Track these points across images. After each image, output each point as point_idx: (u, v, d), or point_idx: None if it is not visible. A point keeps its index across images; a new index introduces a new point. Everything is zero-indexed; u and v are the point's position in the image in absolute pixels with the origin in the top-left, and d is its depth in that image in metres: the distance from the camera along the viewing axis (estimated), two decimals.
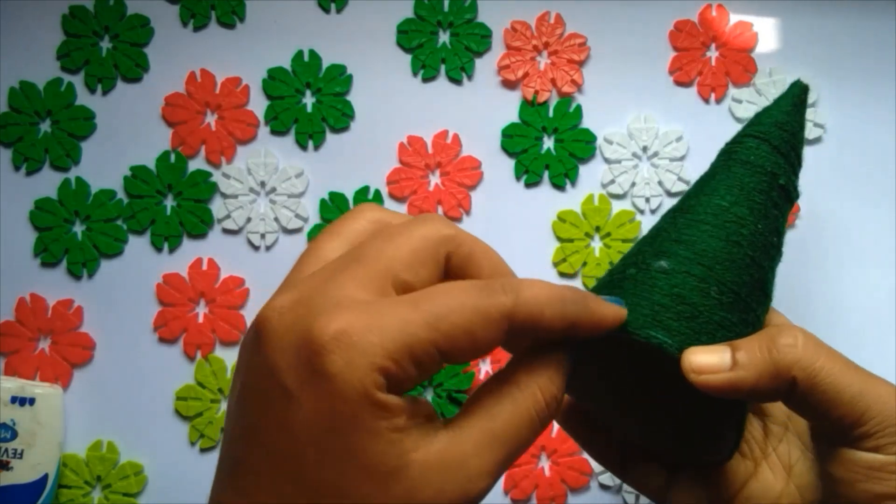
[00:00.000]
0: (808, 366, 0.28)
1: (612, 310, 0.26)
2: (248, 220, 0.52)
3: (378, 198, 0.52)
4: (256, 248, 0.52)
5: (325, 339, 0.22)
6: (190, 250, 0.52)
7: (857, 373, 0.28)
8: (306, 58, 0.53)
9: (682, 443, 0.33)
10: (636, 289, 0.30)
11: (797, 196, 0.36)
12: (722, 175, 0.34)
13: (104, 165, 0.52)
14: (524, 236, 0.52)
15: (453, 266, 0.25)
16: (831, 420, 0.28)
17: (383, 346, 0.22)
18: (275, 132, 0.53)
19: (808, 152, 0.52)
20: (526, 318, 0.24)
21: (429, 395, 0.51)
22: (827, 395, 0.27)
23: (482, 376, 0.50)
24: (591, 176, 0.52)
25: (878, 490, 0.27)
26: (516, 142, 0.52)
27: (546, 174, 0.52)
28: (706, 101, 0.53)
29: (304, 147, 0.52)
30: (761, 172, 0.34)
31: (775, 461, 0.33)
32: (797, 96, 0.37)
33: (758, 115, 0.36)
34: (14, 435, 0.47)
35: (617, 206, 0.52)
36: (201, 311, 0.51)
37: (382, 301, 0.23)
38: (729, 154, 0.35)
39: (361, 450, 0.22)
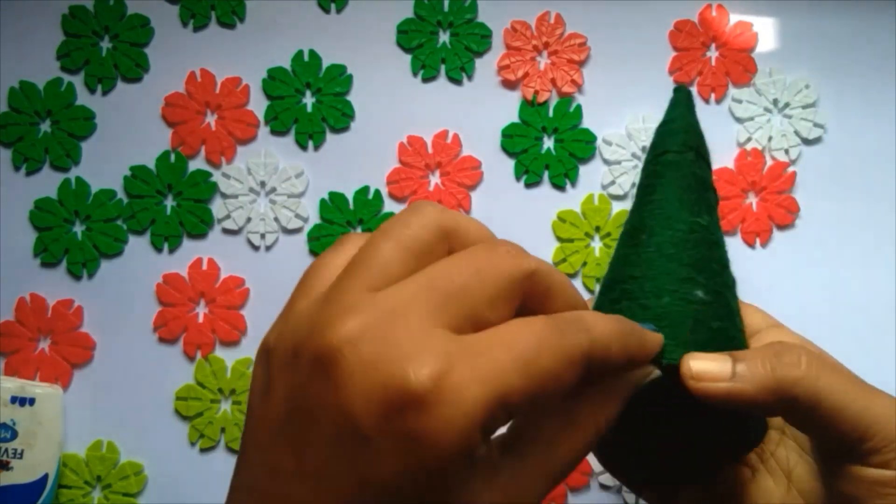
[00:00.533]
0: (810, 385, 0.27)
1: (655, 338, 0.27)
2: (248, 220, 0.52)
3: (378, 198, 0.52)
4: (256, 248, 0.52)
5: (423, 387, 0.20)
6: (190, 250, 0.52)
7: (861, 388, 0.28)
8: (306, 58, 0.53)
9: (697, 453, 0.33)
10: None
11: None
12: (667, 190, 0.34)
13: (104, 165, 0.52)
14: (524, 236, 0.52)
15: (529, 301, 0.24)
16: (835, 437, 0.27)
17: (485, 399, 0.20)
18: (275, 132, 0.53)
19: (808, 152, 0.53)
20: (599, 356, 0.23)
21: None
22: (830, 412, 0.27)
23: None
24: (591, 176, 0.52)
25: None
26: (516, 142, 0.52)
27: (546, 174, 0.52)
28: (706, 101, 0.53)
29: (304, 147, 0.52)
30: (698, 181, 0.34)
31: (774, 466, 0.33)
32: (685, 101, 0.38)
33: (665, 126, 0.37)
34: (14, 435, 0.47)
35: (617, 207, 0.52)
36: (201, 311, 0.51)
37: (474, 344, 0.21)
38: (661, 169, 0.35)
39: (442, 501, 0.21)
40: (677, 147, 0.35)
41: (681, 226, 0.32)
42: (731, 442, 0.32)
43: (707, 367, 0.28)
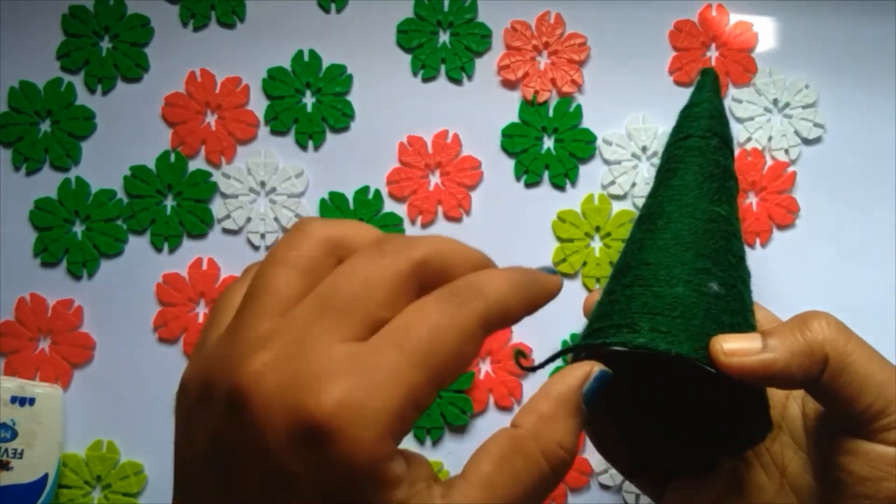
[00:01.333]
0: (840, 346, 0.28)
1: (553, 280, 0.26)
2: (248, 220, 0.52)
3: (378, 198, 0.52)
4: (256, 248, 0.52)
5: (325, 414, 0.20)
6: (190, 250, 0.52)
7: (882, 362, 0.28)
8: (306, 58, 0.53)
9: (705, 444, 0.33)
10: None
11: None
12: (687, 176, 0.33)
13: (104, 165, 0.52)
14: (524, 236, 0.52)
15: (428, 285, 0.24)
16: (857, 408, 0.27)
17: (388, 409, 0.21)
18: (275, 132, 0.53)
19: (808, 152, 0.53)
20: (498, 317, 0.23)
21: None
22: (856, 379, 0.27)
23: (482, 376, 0.50)
24: (591, 176, 0.52)
25: None
26: (516, 142, 0.52)
27: (546, 174, 0.52)
28: None
29: (304, 147, 0.52)
30: (720, 168, 0.34)
31: (768, 462, 0.33)
32: (711, 84, 0.37)
33: (690, 110, 0.36)
34: (14, 435, 0.47)
35: (617, 207, 0.52)
36: (201, 311, 0.51)
37: (368, 352, 0.21)
38: (682, 153, 0.35)
39: None
40: (701, 132, 0.35)
41: (700, 214, 0.31)
42: (733, 437, 0.32)
43: (738, 344, 0.28)
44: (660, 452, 0.34)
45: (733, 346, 0.28)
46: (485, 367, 0.51)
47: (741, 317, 0.31)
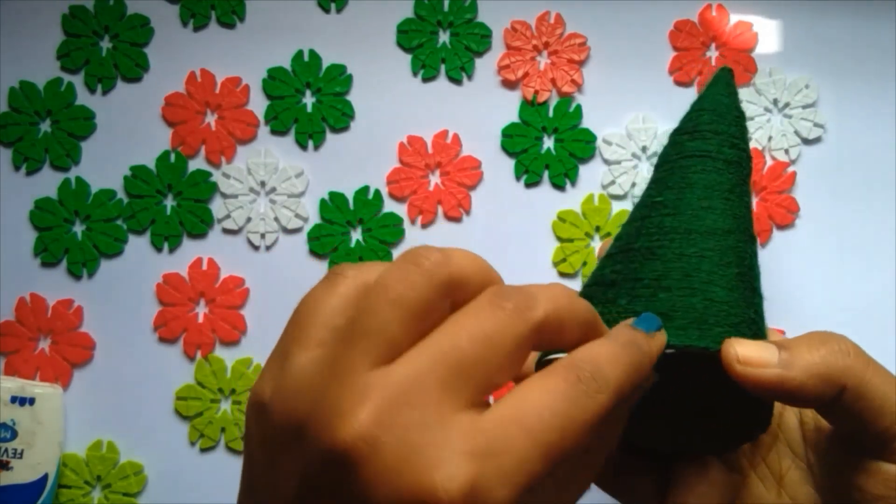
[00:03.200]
0: (859, 374, 0.27)
1: (660, 341, 0.26)
2: (248, 219, 0.52)
3: (378, 198, 0.52)
4: (256, 247, 0.52)
5: (452, 499, 0.19)
6: (190, 250, 0.52)
7: None
8: (306, 58, 0.53)
9: (702, 431, 0.33)
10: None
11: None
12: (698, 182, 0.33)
13: (104, 165, 0.52)
14: (524, 236, 0.52)
15: (542, 343, 0.23)
16: (875, 430, 0.27)
17: (513, 497, 0.20)
18: (275, 132, 0.53)
19: (808, 152, 0.53)
20: (617, 398, 0.23)
21: None
22: (874, 404, 0.27)
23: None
24: (591, 176, 0.52)
25: None
26: (516, 142, 0.52)
27: (546, 174, 0.52)
28: None
29: (304, 147, 0.52)
30: (736, 171, 0.33)
31: (765, 472, 0.32)
32: (729, 82, 0.37)
33: (707, 114, 0.35)
34: (14, 435, 0.47)
35: (617, 207, 0.52)
36: (201, 311, 0.51)
37: (495, 431, 0.20)
38: (694, 156, 0.34)
39: None
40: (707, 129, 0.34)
41: (717, 224, 0.31)
42: (729, 429, 0.31)
43: (754, 353, 0.27)
44: (649, 435, 0.33)
45: (749, 355, 0.27)
46: None
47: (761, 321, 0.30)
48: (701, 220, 0.30)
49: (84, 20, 0.53)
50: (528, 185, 0.52)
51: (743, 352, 0.27)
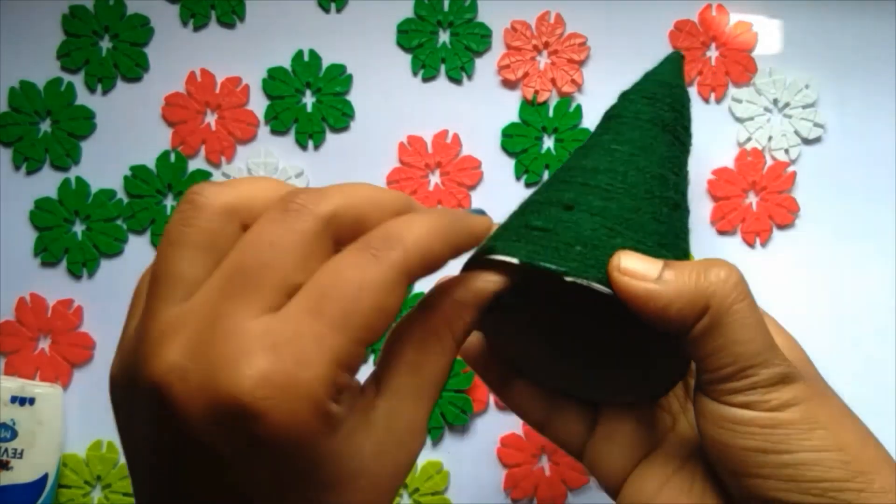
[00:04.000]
0: (725, 303, 0.26)
1: (482, 221, 0.26)
2: None
3: None
4: None
5: (250, 397, 0.19)
6: None
7: (760, 334, 0.26)
8: (306, 58, 0.53)
9: (613, 381, 0.32)
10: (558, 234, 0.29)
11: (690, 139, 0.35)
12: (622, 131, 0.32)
13: (104, 165, 0.52)
14: None
15: (344, 238, 0.23)
16: (720, 363, 0.26)
17: (317, 377, 0.20)
18: (275, 132, 0.53)
19: (808, 152, 0.53)
20: (419, 264, 0.23)
21: None
22: (729, 336, 0.26)
23: None
24: None
25: (748, 445, 0.26)
26: (516, 142, 0.52)
27: (546, 174, 0.52)
28: (706, 100, 0.53)
29: (304, 147, 0.52)
30: (658, 124, 0.33)
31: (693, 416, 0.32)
32: (677, 62, 0.36)
33: (645, 77, 0.36)
34: (14, 435, 0.47)
35: None
36: None
37: (285, 323, 0.21)
38: (621, 111, 0.33)
39: (320, 485, 0.21)
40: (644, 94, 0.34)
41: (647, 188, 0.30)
42: (645, 378, 0.31)
43: (636, 265, 0.27)
44: (573, 382, 0.33)
45: (630, 265, 0.27)
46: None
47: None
48: (651, 185, 0.30)
49: (84, 20, 0.53)
50: (528, 185, 0.52)
51: (626, 261, 0.27)
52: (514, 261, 0.27)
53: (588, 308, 0.29)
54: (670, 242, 0.29)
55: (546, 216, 0.29)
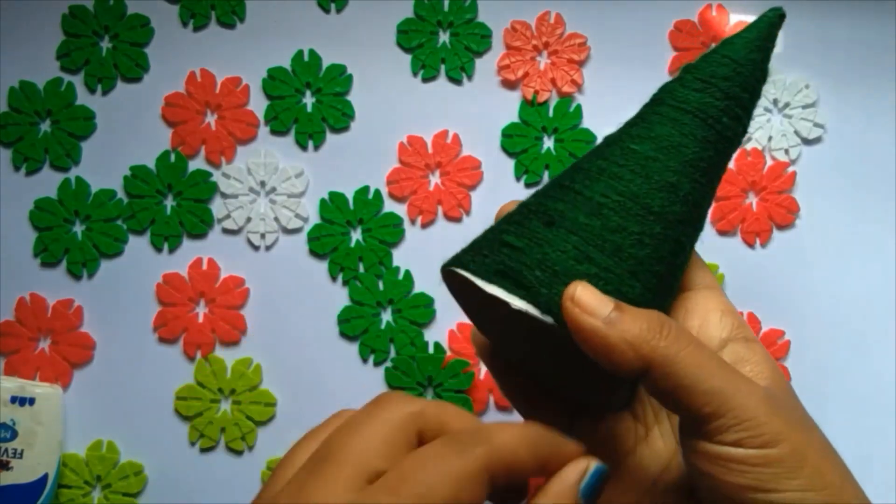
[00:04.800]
0: (669, 355, 0.26)
1: (572, 447, 0.26)
2: (248, 220, 0.52)
3: (378, 198, 0.52)
4: (256, 247, 0.52)
5: None
6: (190, 250, 0.52)
7: (723, 370, 0.27)
8: (306, 58, 0.53)
9: (579, 387, 0.32)
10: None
11: (743, 134, 0.32)
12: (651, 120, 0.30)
13: (104, 165, 0.52)
14: None
15: (427, 440, 0.24)
16: (686, 412, 0.27)
17: None
18: (275, 132, 0.53)
19: (808, 152, 0.53)
20: (502, 464, 0.23)
21: (429, 395, 0.51)
22: (682, 383, 0.26)
23: (482, 376, 0.50)
24: None
25: (741, 482, 0.26)
26: (516, 142, 0.52)
27: (546, 174, 0.52)
28: None
29: (304, 147, 0.52)
30: (702, 118, 0.30)
31: (667, 428, 0.32)
32: (764, 27, 0.33)
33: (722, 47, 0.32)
34: (14, 435, 0.47)
35: None
36: (201, 311, 0.51)
37: (362, 500, 0.22)
38: (664, 97, 0.31)
39: None
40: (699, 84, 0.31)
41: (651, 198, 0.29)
42: (600, 390, 0.31)
43: (588, 299, 0.27)
44: (551, 382, 0.33)
45: (583, 298, 0.27)
46: (485, 368, 0.51)
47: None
48: (652, 198, 0.29)
49: (84, 20, 0.53)
50: (528, 185, 0.52)
51: (580, 293, 0.27)
52: (471, 278, 0.28)
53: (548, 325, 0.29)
54: (645, 271, 0.29)
55: (522, 231, 0.29)
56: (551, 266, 0.28)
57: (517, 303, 0.27)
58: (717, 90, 0.30)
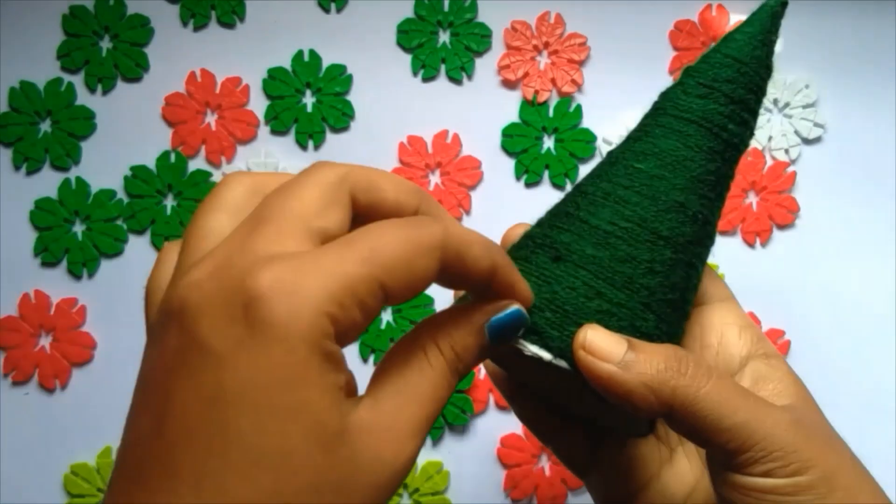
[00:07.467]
0: (690, 394, 0.26)
1: (525, 287, 0.26)
2: None
3: None
4: None
5: (262, 289, 0.20)
6: None
7: (747, 401, 0.26)
8: (306, 58, 0.53)
9: (599, 417, 0.32)
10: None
11: (749, 139, 0.30)
12: (655, 136, 0.28)
13: (104, 165, 0.52)
14: None
15: (361, 202, 0.24)
16: (714, 446, 0.26)
17: (326, 288, 0.20)
18: (275, 132, 0.53)
19: (808, 152, 0.53)
20: (456, 249, 0.23)
21: None
22: (706, 422, 0.26)
23: (482, 376, 0.50)
24: None
25: None
26: (516, 142, 0.52)
27: (546, 174, 0.52)
28: None
29: (304, 147, 0.52)
30: (707, 129, 0.28)
31: (692, 450, 0.32)
32: (765, 19, 0.32)
33: (723, 44, 0.31)
34: None
35: None
36: None
37: (311, 248, 0.22)
38: (666, 106, 0.29)
39: (307, 407, 0.20)
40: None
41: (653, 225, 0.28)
42: (618, 422, 0.30)
43: (600, 344, 0.26)
44: (579, 409, 0.32)
45: (595, 343, 0.26)
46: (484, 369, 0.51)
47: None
48: (661, 222, 0.28)
49: (84, 20, 0.53)
50: (528, 184, 0.52)
51: (591, 339, 0.26)
52: None
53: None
54: (658, 300, 0.28)
55: (529, 269, 0.28)
56: (561, 306, 0.27)
57: (529, 348, 0.27)
58: (721, 95, 0.29)
